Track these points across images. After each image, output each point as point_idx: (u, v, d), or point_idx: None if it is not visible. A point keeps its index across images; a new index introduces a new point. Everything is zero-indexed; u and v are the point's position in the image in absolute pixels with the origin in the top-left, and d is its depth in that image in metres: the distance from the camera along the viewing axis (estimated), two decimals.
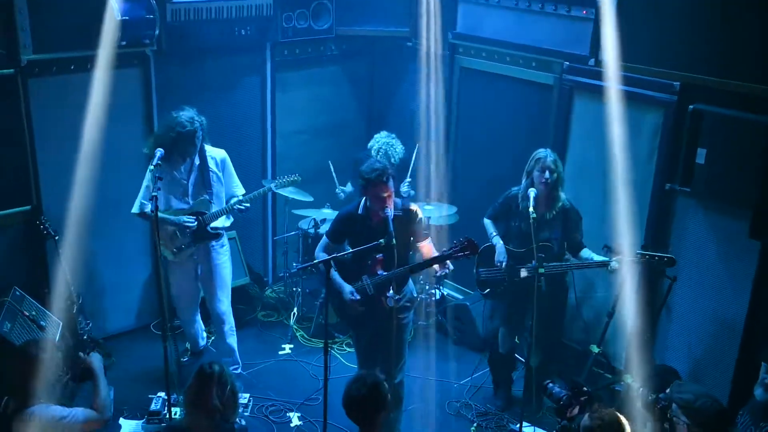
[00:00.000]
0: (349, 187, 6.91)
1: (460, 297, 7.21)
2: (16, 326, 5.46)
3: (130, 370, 6.13)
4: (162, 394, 5.45)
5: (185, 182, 5.58)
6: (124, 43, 5.81)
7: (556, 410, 3.79)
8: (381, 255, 4.85)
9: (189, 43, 6.24)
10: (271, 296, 7.38)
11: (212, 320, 6.01)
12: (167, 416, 5.10)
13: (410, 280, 5.22)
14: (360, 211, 5.03)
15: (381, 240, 4.66)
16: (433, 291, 7.05)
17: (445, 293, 7.24)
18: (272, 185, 5.90)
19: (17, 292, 5.71)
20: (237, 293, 6.37)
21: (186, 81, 6.35)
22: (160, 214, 5.41)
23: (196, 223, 5.59)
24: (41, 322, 5.65)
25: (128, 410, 5.59)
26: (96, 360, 4.28)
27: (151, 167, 4.93)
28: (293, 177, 5.93)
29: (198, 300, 6.01)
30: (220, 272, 5.80)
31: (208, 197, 5.61)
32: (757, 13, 4.72)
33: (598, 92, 5.76)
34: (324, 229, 6.57)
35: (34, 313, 5.68)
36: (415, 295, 5.37)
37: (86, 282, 6.15)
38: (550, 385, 3.89)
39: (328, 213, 6.71)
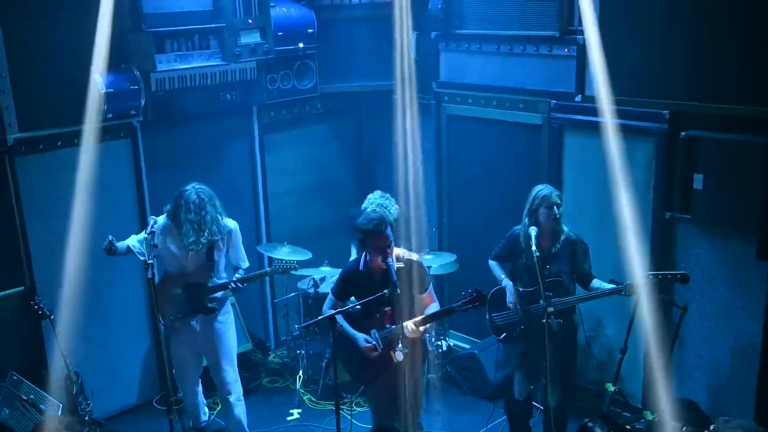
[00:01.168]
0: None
1: (467, 346, 7.08)
2: (14, 412, 5.31)
3: None
4: None
5: (189, 252, 5.40)
6: (110, 116, 5.82)
7: None
8: (389, 308, 4.76)
9: (175, 110, 6.25)
10: (275, 361, 7.24)
11: (218, 392, 5.84)
12: None
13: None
14: (361, 267, 4.97)
15: (385, 291, 4.58)
16: (439, 343, 6.94)
17: (452, 344, 7.11)
18: (269, 269, 5.77)
19: (14, 377, 5.56)
20: (239, 360, 6.17)
21: (174, 148, 6.34)
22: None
23: (191, 296, 5.41)
24: (41, 406, 5.47)
25: None
26: None
27: (145, 235, 4.84)
28: (292, 263, 5.68)
29: (199, 370, 5.81)
30: (224, 341, 5.60)
31: (208, 269, 5.45)
32: (739, 33, 4.76)
33: (587, 127, 5.80)
34: (324, 288, 6.50)
35: (32, 396, 5.51)
36: (429, 348, 5.27)
37: (85, 360, 5.98)
38: (591, 424, 3.71)
39: (327, 271, 6.63)
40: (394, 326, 4.82)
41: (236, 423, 5.76)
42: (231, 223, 5.55)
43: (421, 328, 4.81)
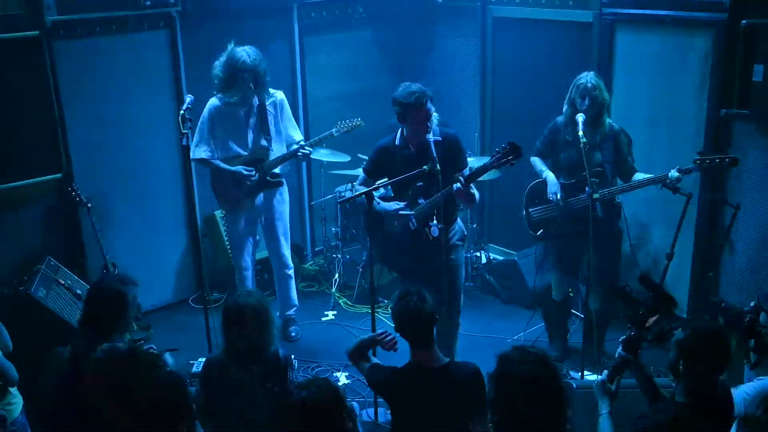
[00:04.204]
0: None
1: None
2: (51, 293, 5.37)
3: (170, 341, 5.96)
4: (203, 359, 5.29)
5: (245, 125, 5.46)
6: (148, 3, 5.77)
7: (632, 318, 3.45)
8: (421, 184, 4.61)
9: (214, 3, 6.18)
10: (311, 268, 7.22)
11: (274, 266, 5.94)
12: None
13: (459, 219, 5.02)
14: (397, 142, 4.83)
15: (425, 167, 4.46)
16: (478, 254, 6.85)
17: (491, 256, 7.02)
18: (334, 130, 5.62)
19: (52, 262, 5.63)
20: None
21: (214, 43, 6.17)
22: (218, 163, 5.43)
23: (257, 174, 5.47)
24: (77, 291, 5.55)
25: None
26: None
27: (182, 112, 4.80)
28: (356, 121, 5.61)
29: (255, 247, 5.85)
30: (283, 220, 5.76)
31: (266, 143, 5.48)
32: None
33: (641, 22, 5.60)
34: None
35: (69, 282, 5.59)
36: (466, 233, 5.15)
37: (121, 252, 6.06)
38: (629, 288, 3.56)
39: None
40: (427, 200, 4.69)
41: (289, 297, 5.93)
42: (279, 94, 5.57)
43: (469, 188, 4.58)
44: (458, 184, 4.47)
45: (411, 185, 4.71)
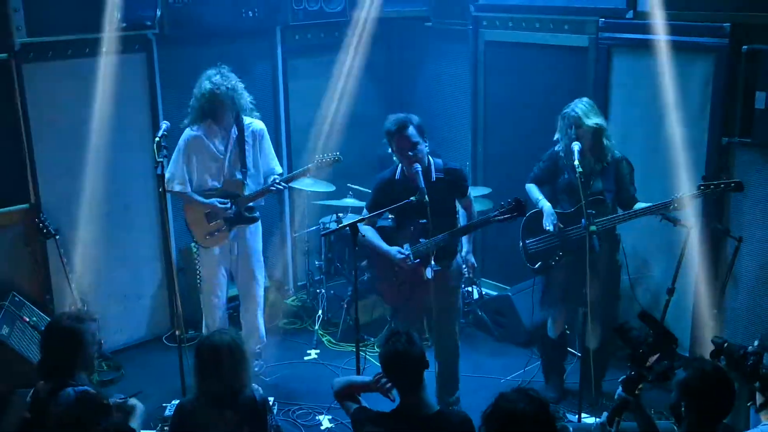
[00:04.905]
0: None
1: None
2: (15, 331, 5.21)
3: (142, 382, 5.79)
4: (176, 402, 5.13)
5: (222, 157, 5.39)
6: (124, 24, 5.68)
7: (632, 357, 3.37)
8: (424, 221, 4.54)
9: (193, 25, 6.06)
10: (293, 304, 7.07)
11: (242, 299, 5.81)
12: None
13: (458, 256, 4.96)
14: (397, 176, 4.80)
15: (412, 198, 4.39)
16: (470, 289, 6.73)
17: (483, 291, 6.89)
18: (311, 165, 5.54)
19: (16, 297, 5.48)
20: None
21: (192, 66, 6.11)
22: (192, 196, 5.38)
23: (233, 207, 5.40)
24: (43, 329, 5.37)
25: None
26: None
27: (157, 139, 4.69)
28: (335, 156, 5.52)
29: (226, 287, 5.74)
30: (256, 253, 5.68)
31: (241, 177, 5.41)
32: None
33: (638, 47, 5.54)
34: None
35: (35, 319, 5.43)
36: (465, 274, 5.07)
37: (92, 288, 5.89)
38: (628, 325, 3.47)
39: (351, 202, 6.44)
40: (427, 240, 4.63)
41: (256, 329, 5.82)
42: (259, 124, 5.50)
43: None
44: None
45: (413, 221, 4.66)
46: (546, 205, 5.12)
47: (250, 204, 5.51)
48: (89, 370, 3.77)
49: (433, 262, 4.57)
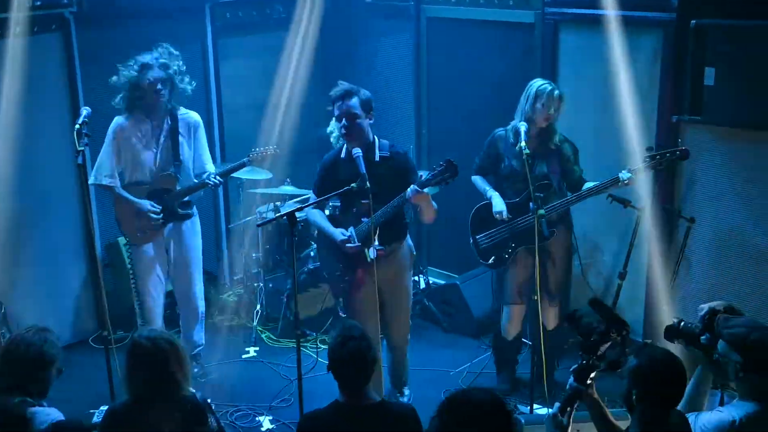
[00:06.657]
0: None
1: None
2: None
3: (67, 388, 5.73)
4: (105, 407, 5.11)
5: (153, 150, 5.35)
6: (38, 2, 5.60)
7: (585, 346, 3.46)
8: (366, 201, 4.56)
9: (115, 3, 6.05)
10: (230, 299, 7.08)
11: (181, 305, 5.79)
12: None
13: (408, 237, 5.03)
14: (342, 155, 4.82)
15: (352, 184, 4.44)
16: (416, 278, 6.82)
17: (430, 281, 7.00)
18: (245, 160, 5.56)
19: None
20: None
21: (114, 47, 6.07)
22: (121, 192, 5.33)
23: (162, 214, 5.39)
24: None
25: None
26: None
27: (77, 126, 4.65)
28: (271, 149, 5.56)
29: (163, 287, 5.70)
30: (194, 253, 5.65)
31: (174, 170, 5.38)
32: None
33: (585, 22, 5.70)
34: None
35: None
36: (414, 252, 5.16)
37: (9, 287, 5.80)
38: (579, 313, 3.56)
39: (290, 190, 6.47)
40: (369, 220, 4.66)
41: (192, 338, 5.80)
42: (194, 115, 5.48)
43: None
44: (412, 188, 4.50)
45: (356, 203, 4.69)
46: (495, 195, 5.23)
47: (186, 198, 5.49)
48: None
49: (376, 242, 4.59)
